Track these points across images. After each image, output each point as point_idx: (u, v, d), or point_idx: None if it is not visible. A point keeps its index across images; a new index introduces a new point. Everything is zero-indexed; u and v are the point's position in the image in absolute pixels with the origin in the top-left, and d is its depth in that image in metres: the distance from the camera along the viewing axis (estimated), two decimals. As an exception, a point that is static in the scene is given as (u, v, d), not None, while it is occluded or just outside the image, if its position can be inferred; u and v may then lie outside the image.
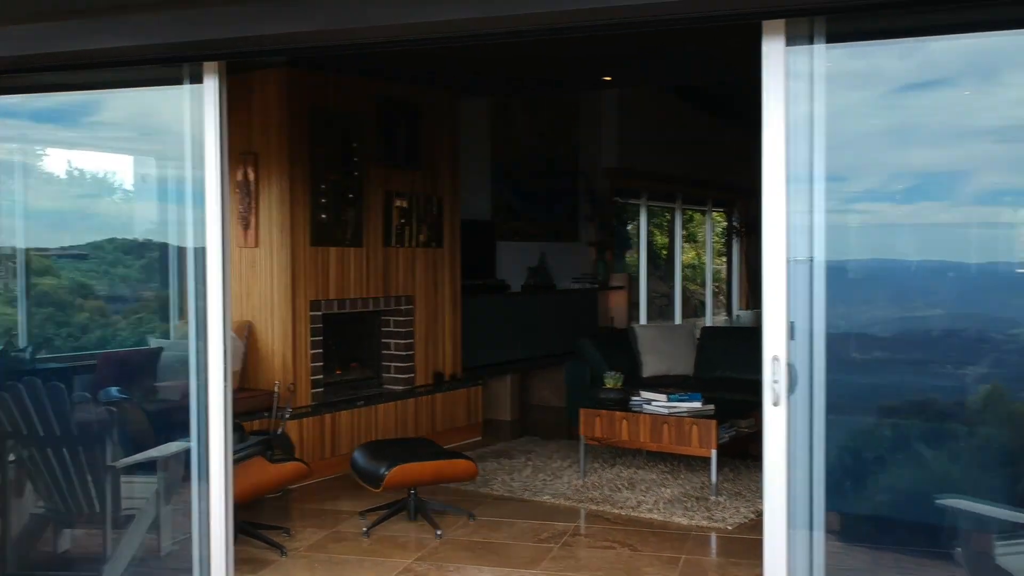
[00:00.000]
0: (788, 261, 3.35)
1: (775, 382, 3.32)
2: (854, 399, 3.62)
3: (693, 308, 15.74)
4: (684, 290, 14.77)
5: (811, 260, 3.39)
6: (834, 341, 3.41)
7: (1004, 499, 3.60)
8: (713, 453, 5.86)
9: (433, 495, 5.72)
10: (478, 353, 8.36)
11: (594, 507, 5.66)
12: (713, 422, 5.91)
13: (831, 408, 3.44)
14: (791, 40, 3.30)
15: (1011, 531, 3.65)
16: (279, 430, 5.92)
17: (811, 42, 3.33)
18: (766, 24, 3.28)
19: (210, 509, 3.96)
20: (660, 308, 14.22)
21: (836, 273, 3.42)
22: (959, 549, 3.70)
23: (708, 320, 15.38)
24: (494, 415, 8.71)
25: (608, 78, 8.29)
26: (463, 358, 8.03)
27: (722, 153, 13.78)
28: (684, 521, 5.34)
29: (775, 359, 3.33)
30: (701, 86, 11.58)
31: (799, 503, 3.44)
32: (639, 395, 6.41)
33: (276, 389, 6.12)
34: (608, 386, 6.86)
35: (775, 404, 3.33)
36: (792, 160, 3.31)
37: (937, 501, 3.65)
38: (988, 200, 3.49)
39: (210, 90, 3.89)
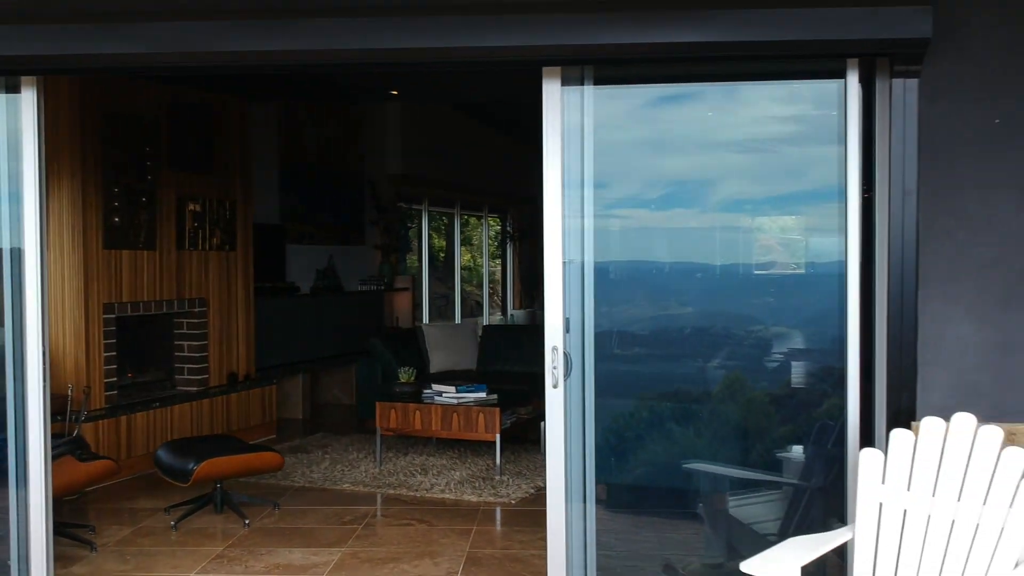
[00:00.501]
0: (564, 263, 4.00)
1: (554, 368, 3.97)
2: (618, 384, 4.31)
3: (471, 308, 16.51)
4: (462, 291, 15.50)
5: (582, 262, 4.06)
6: (601, 334, 4.10)
7: (737, 463, 4.42)
8: (497, 438, 6.52)
9: (236, 489, 5.97)
10: (270, 354, 8.59)
11: (391, 491, 6.15)
12: (497, 410, 6.56)
13: (599, 391, 4.13)
14: (566, 81, 3.96)
15: (741, 488, 4.49)
16: (75, 433, 5.94)
17: (582, 83, 4.01)
18: (545, 69, 3.92)
19: (29, 507, 4.08)
20: (440, 308, 14.84)
21: (602, 274, 4.11)
22: (701, 505, 4.49)
23: (485, 319, 16.20)
24: (287, 414, 8.95)
25: (395, 92, 8.78)
26: (256, 359, 8.24)
27: (497, 163, 14.60)
28: (473, 498, 5.94)
29: (554, 349, 3.97)
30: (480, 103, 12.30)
31: (575, 473, 4.09)
32: (430, 388, 6.96)
33: (70, 392, 6.12)
34: (402, 380, 7.36)
35: (555, 387, 3.98)
36: (567, 177, 3.96)
37: (684, 466, 4.43)
38: (730, 207, 4.28)
39: (28, 101, 4.03)
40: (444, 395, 6.77)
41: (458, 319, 14.57)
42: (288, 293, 9.38)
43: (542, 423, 7.24)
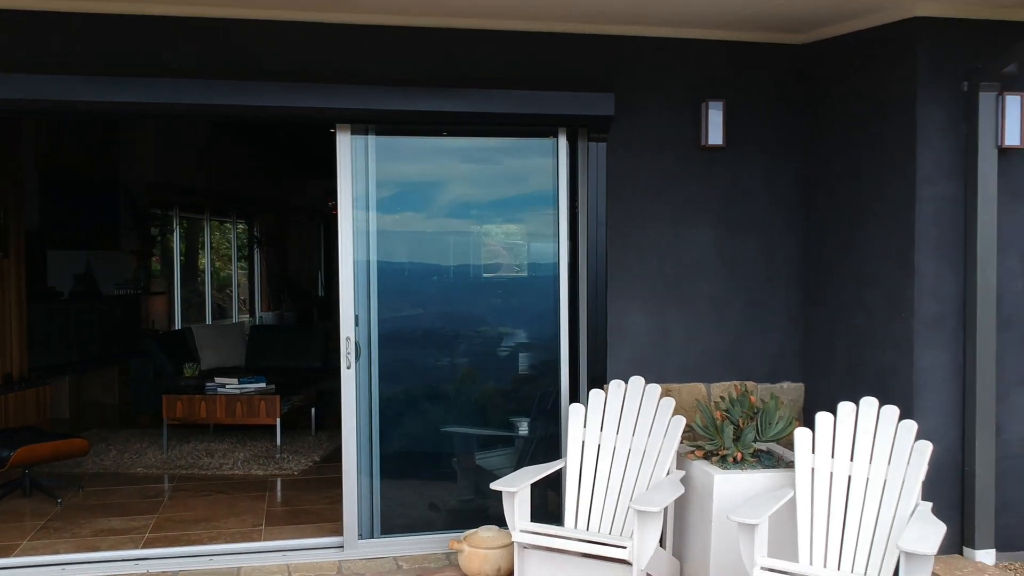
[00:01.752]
0: (354, 264, 5.15)
1: (348, 353, 5.13)
2: (395, 368, 5.47)
3: (222, 311, 16.93)
4: (212, 294, 15.93)
5: (368, 269, 5.23)
6: (384, 326, 5.29)
7: (481, 427, 5.77)
8: (278, 422, 7.51)
9: (38, 476, 6.51)
10: (36, 356, 8.92)
11: (184, 471, 6.95)
12: (277, 397, 7.54)
13: (382, 375, 5.31)
14: (354, 131, 5.14)
15: (487, 446, 5.85)
16: None
17: (367, 134, 5.20)
18: (339, 124, 5.07)
19: None
20: (195, 311, 15.23)
21: (384, 278, 5.28)
22: (456, 460, 5.79)
23: (235, 320, 16.70)
24: (53, 414, 9.28)
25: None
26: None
27: (246, 173, 15.24)
28: (261, 472, 6.90)
29: (347, 339, 5.13)
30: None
31: (363, 435, 5.25)
32: (213, 381, 7.79)
33: None
34: (187, 375, 8.11)
35: (348, 368, 5.14)
36: (355, 198, 5.12)
37: (443, 429, 5.69)
38: (485, 220, 5.54)
39: None
40: (228, 386, 7.64)
41: (208, 320, 15.04)
42: (49, 298, 9.67)
43: (312, 409, 8.33)
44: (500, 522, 5.03)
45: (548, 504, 5.44)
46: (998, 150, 4.49)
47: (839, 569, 4.19)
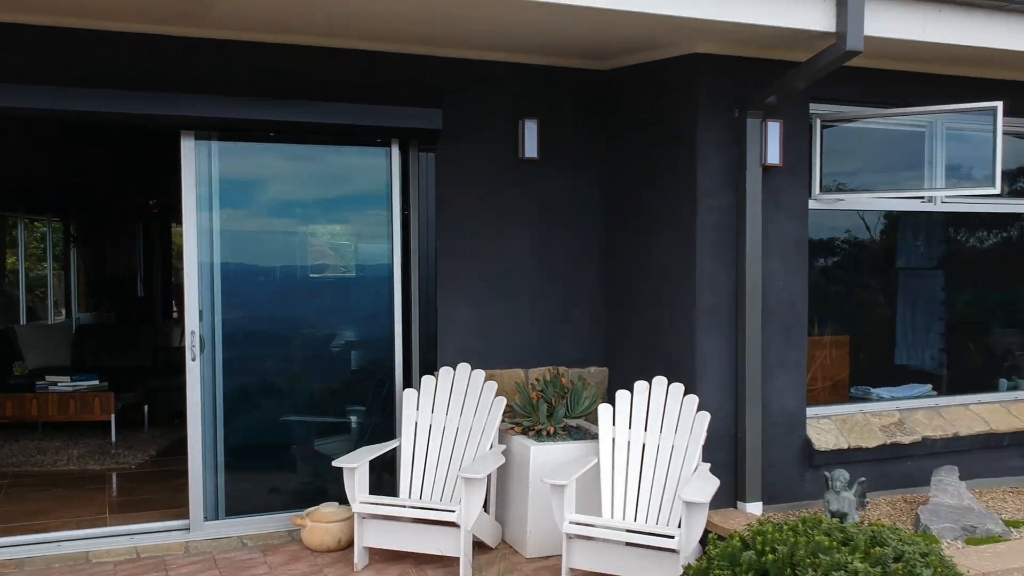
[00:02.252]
0: (198, 265, 5.47)
1: (192, 346, 5.44)
2: (239, 361, 5.79)
3: (32, 312, 16.27)
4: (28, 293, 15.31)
5: (211, 266, 5.55)
6: (227, 323, 5.63)
7: (320, 415, 6.18)
8: (113, 417, 7.61)
9: None
10: None
11: (16, 469, 6.96)
12: (111, 394, 7.64)
13: (226, 367, 5.64)
14: (198, 137, 5.45)
15: (323, 432, 6.26)
16: None
17: (210, 140, 5.52)
18: (183, 131, 5.38)
19: None
20: (10, 312, 14.62)
21: (226, 276, 5.62)
22: (296, 445, 6.17)
23: (50, 320, 16.10)
24: None
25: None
26: None
27: (64, 170, 14.76)
28: (97, 467, 7.01)
29: (192, 332, 5.45)
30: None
31: (208, 429, 5.56)
32: (43, 379, 7.78)
33: None
34: (17, 373, 8.03)
35: (193, 360, 5.45)
36: (199, 201, 5.44)
37: (283, 418, 6.06)
38: (326, 222, 5.94)
39: None
40: (60, 384, 7.65)
41: (23, 321, 14.49)
42: None
43: (145, 406, 8.44)
44: (340, 500, 5.50)
45: (383, 485, 5.93)
46: (762, 168, 5.37)
47: (635, 520, 4.93)
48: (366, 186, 5.95)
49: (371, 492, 5.18)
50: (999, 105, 5.40)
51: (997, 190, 5.50)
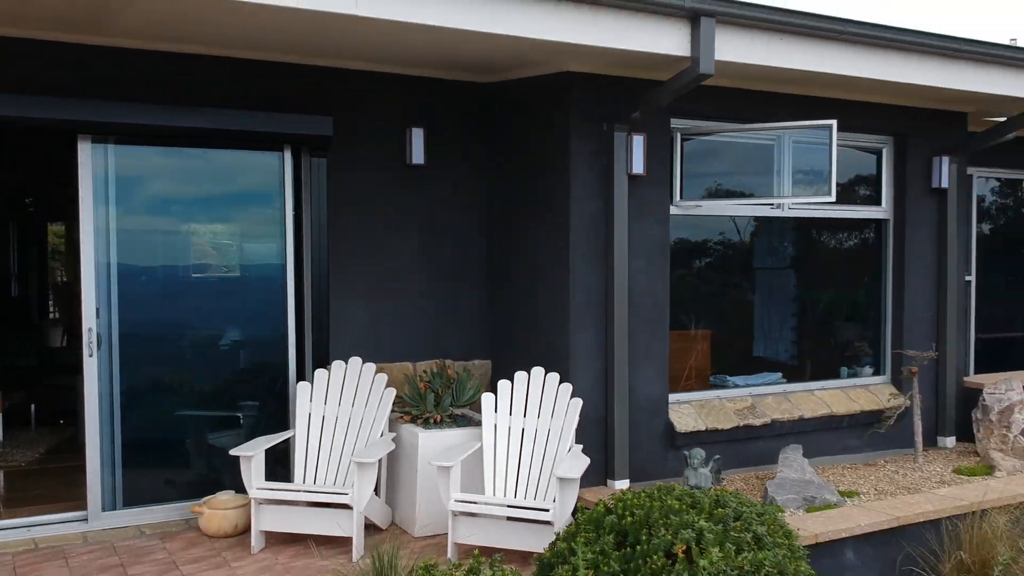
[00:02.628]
0: (95, 264, 5.64)
1: (90, 343, 5.61)
2: (136, 358, 5.95)
3: None
4: None
5: (108, 265, 5.73)
6: (124, 319, 5.81)
7: (215, 410, 6.39)
8: (1, 416, 7.63)
9: None
10: None
11: (-101, 470, 6.92)
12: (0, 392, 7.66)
13: (123, 363, 5.82)
14: (95, 140, 5.63)
15: (218, 426, 6.49)
16: None
17: (106, 143, 5.70)
18: (80, 135, 5.55)
19: None
20: None
21: (124, 273, 5.81)
22: (192, 439, 6.36)
23: None
24: None
25: None
26: None
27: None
28: (-14, 466, 7.04)
29: (89, 329, 5.62)
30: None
31: (105, 422, 5.74)
32: (-75, 380, 7.71)
33: None
34: None
35: (91, 356, 5.63)
36: (95, 203, 5.62)
37: (179, 413, 6.24)
38: (215, 222, 6.18)
39: None
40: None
41: None
42: None
43: (32, 405, 8.44)
44: (236, 489, 5.77)
45: (277, 476, 6.19)
46: (628, 177, 5.90)
47: (515, 497, 5.39)
48: (262, 188, 6.21)
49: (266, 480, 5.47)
50: (834, 123, 6.10)
51: (833, 198, 6.19)
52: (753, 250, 7.25)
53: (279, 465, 6.22)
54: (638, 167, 5.92)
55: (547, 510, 4.95)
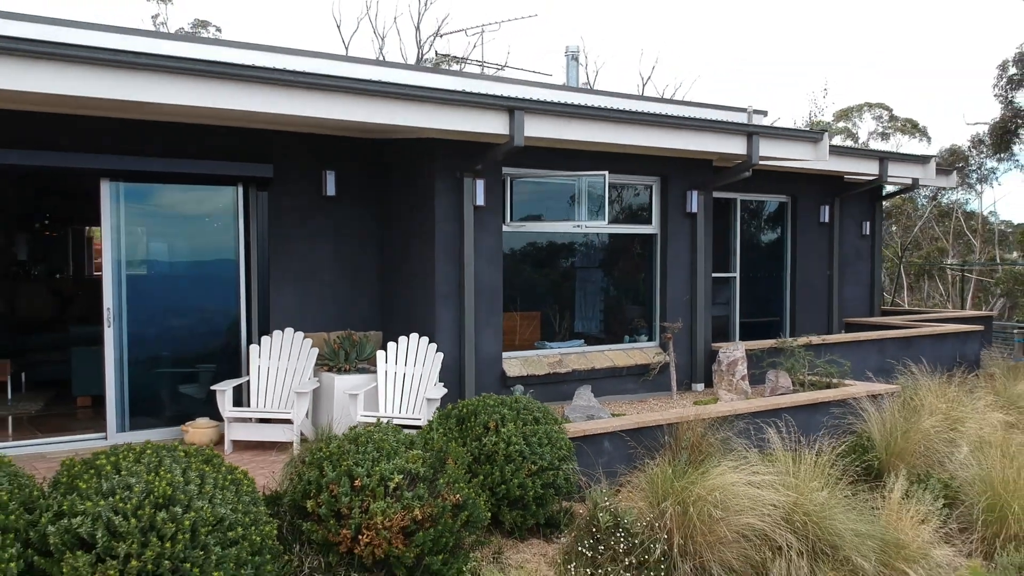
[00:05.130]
0: (113, 265, 8.21)
1: (108, 318, 8.19)
2: (139, 330, 8.54)
3: None
4: None
5: (119, 262, 8.31)
6: (132, 300, 8.40)
7: (188, 367, 9.03)
8: (9, 379, 9.97)
9: None
10: None
11: (-60, 416, 9.21)
12: (8, 361, 9.98)
13: (130, 334, 8.41)
14: (112, 180, 8.21)
15: (191, 374, 9.10)
16: None
17: (118, 182, 8.28)
18: (103, 179, 8.13)
19: None
20: None
21: (131, 272, 8.40)
22: (175, 383, 8.94)
23: None
24: None
25: None
26: None
27: None
28: (4, 413, 9.40)
29: (108, 308, 8.20)
30: None
31: (118, 369, 8.30)
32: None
33: None
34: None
35: (108, 327, 8.21)
36: (112, 225, 8.16)
37: (165, 365, 8.87)
38: (177, 234, 8.85)
39: None
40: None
41: None
42: None
43: (22, 374, 10.77)
44: (211, 416, 8.44)
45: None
46: (474, 207, 8.85)
47: (400, 413, 8.29)
48: (223, 211, 8.88)
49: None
50: (606, 173, 9.23)
51: (606, 222, 9.34)
52: (571, 254, 10.34)
53: (236, 404, 8.89)
54: (480, 200, 8.89)
55: (419, 419, 7.85)
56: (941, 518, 7.52)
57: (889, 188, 15.25)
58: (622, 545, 6.29)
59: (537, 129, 8.46)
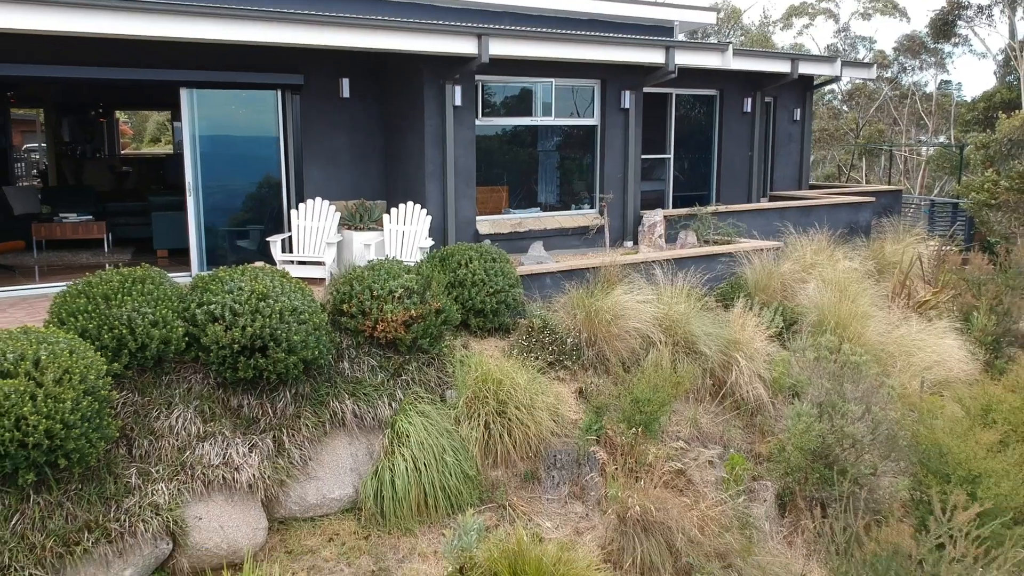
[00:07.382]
0: (192, 147, 11.25)
1: (189, 189, 11.28)
2: (210, 196, 11.60)
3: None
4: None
5: (196, 146, 11.33)
6: (205, 177, 11.44)
7: (244, 225, 12.17)
8: (107, 236, 13.11)
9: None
10: None
11: (53, 263, 12.40)
12: (104, 222, 13.08)
13: (205, 200, 11.48)
14: (187, 86, 11.15)
15: (249, 232, 12.29)
16: None
17: (191, 89, 11.22)
18: (182, 87, 11.06)
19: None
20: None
21: (204, 156, 11.42)
22: (235, 237, 12.12)
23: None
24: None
25: None
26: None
27: None
28: (104, 260, 12.57)
29: (188, 182, 11.28)
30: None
31: (199, 224, 11.44)
32: (58, 215, 13.08)
33: None
34: (44, 212, 13.22)
35: (190, 196, 11.31)
36: (191, 121, 11.11)
37: (228, 223, 12.02)
38: (242, 130, 11.84)
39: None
40: (71, 217, 12.98)
41: None
42: None
43: (109, 235, 13.93)
44: (266, 260, 11.66)
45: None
46: (453, 107, 11.77)
47: (402, 256, 11.52)
48: (268, 108, 11.84)
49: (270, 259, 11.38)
50: (553, 80, 12.14)
51: (553, 118, 12.30)
52: (531, 141, 13.33)
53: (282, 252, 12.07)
54: (458, 101, 11.82)
55: (414, 260, 11.07)
56: (775, 328, 10.83)
57: (819, 80, 17.88)
58: (547, 339, 9.58)
59: (499, 49, 11.33)
